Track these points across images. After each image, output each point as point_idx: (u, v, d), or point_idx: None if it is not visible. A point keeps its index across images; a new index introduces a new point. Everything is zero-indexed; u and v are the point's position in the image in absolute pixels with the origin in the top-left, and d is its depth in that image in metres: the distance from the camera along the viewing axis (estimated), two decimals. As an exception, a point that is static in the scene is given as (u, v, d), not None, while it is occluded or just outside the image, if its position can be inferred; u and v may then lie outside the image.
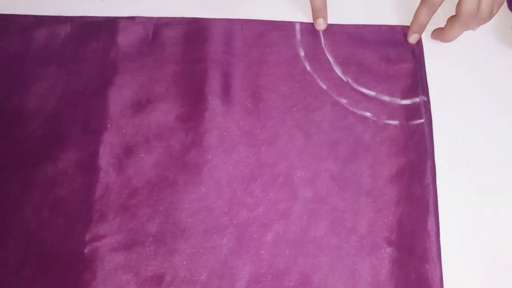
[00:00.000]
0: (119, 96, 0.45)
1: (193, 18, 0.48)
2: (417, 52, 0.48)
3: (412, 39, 0.47)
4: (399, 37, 0.48)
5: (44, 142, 0.44)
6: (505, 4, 0.47)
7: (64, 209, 0.42)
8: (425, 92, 0.46)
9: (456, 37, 0.46)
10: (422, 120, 0.45)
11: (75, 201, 0.42)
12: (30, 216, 0.42)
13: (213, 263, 0.41)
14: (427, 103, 0.46)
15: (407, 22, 0.48)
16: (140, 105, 0.45)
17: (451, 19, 0.45)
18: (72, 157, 0.43)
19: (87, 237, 0.41)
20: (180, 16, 0.48)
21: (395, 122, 0.45)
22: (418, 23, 0.46)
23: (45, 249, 0.41)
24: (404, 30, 0.48)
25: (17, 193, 0.42)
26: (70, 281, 0.40)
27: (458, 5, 0.43)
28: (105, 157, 0.43)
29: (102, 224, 0.41)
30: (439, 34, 0.47)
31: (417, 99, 0.46)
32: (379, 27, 0.49)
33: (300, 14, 0.48)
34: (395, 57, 0.47)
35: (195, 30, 0.48)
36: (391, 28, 0.49)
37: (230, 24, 0.48)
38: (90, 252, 0.41)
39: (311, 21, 0.48)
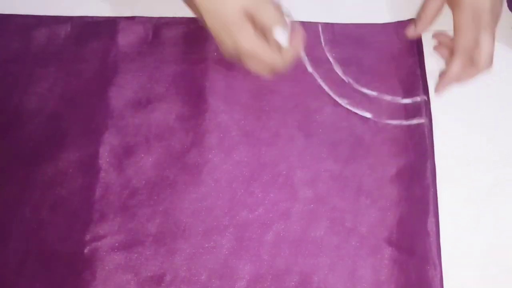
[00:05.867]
0: (119, 96, 0.45)
1: (193, 18, 0.48)
2: (417, 51, 0.47)
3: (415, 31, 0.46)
4: (400, 37, 0.48)
5: (44, 142, 0.44)
6: (505, 4, 0.47)
7: (64, 209, 0.42)
8: (426, 91, 0.46)
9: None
10: (422, 120, 0.45)
11: (75, 201, 0.42)
12: (30, 216, 0.42)
13: (213, 263, 0.41)
14: (427, 103, 0.46)
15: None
16: (140, 105, 0.45)
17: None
18: (72, 157, 0.43)
19: (87, 237, 0.41)
20: (180, 16, 0.48)
21: (396, 122, 0.45)
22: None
23: (45, 249, 0.41)
24: (403, 25, 0.48)
25: (17, 193, 0.42)
26: (70, 281, 0.40)
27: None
28: (105, 157, 0.43)
29: (102, 224, 0.41)
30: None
31: (418, 98, 0.46)
32: (379, 26, 0.49)
33: (300, 14, 0.48)
34: (395, 56, 0.47)
35: (195, 30, 0.48)
36: (391, 26, 0.48)
37: (230, 24, 0.48)
38: (90, 252, 0.41)
39: (311, 20, 0.48)
